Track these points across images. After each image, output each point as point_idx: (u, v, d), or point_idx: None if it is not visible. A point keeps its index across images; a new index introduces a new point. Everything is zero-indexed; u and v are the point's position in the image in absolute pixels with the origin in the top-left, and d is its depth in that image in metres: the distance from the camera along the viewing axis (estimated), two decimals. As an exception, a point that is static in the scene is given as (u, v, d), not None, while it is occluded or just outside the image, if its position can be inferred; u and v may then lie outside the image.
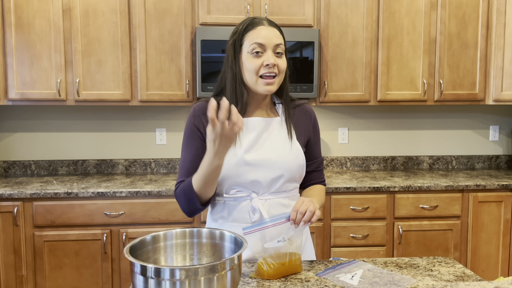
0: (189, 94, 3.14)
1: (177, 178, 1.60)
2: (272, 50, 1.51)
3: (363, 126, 3.67)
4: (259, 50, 1.50)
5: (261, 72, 1.51)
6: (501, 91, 3.27)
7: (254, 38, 1.51)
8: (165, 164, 3.53)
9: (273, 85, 1.52)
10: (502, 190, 3.12)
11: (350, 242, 3.04)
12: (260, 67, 1.50)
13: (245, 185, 1.55)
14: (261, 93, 1.54)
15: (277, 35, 1.53)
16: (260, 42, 1.50)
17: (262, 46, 1.50)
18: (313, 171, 1.70)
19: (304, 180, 1.71)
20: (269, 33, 1.52)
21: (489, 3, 3.27)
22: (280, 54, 1.53)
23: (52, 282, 2.90)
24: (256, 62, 1.50)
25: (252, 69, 1.51)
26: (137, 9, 3.07)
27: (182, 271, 1.06)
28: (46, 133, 3.45)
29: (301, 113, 1.67)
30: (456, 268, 1.50)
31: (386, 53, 3.24)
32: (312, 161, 1.69)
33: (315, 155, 1.70)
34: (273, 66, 1.50)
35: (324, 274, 1.45)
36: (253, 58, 1.51)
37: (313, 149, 1.69)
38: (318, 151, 1.72)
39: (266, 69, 1.50)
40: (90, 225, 2.90)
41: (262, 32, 1.51)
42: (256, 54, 1.51)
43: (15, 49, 3.01)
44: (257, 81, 1.52)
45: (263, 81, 1.51)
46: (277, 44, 1.51)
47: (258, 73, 1.51)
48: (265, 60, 1.50)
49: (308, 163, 1.68)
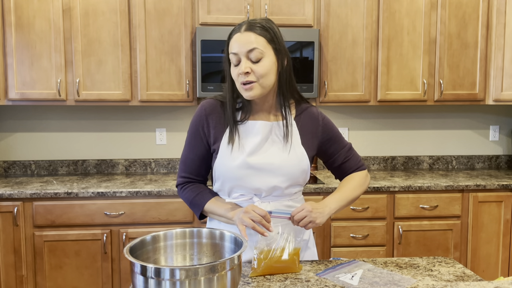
0: (189, 94, 3.14)
1: (179, 170, 1.67)
2: (246, 57, 1.49)
3: (363, 126, 3.67)
4: (236, 60, 1.50)
5: (240, 80, 1.51)
6: (501, 91, 3.27)
7: (230, 49, 1.52)
8: (165, 164, 3.53)
9: (252, 90, 1.50)
10: (502, 190, 3.12)
11: (350, 242, 3.04)
12: (238, 76, 1.51)
13: (246, 188, 1.56)
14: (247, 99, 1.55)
15: (251, 40, 1.48)
16: (233, 52, 1.50)
17: (236, 55, 1.50)
18: (343, 163, 1.69)
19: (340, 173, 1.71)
20: (241, 40, 1.49)
21: (489, 3, 3.27)
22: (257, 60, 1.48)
23: (52, 282, 2.90)
24: (235, 71, 1.52)
25: (234, 78, 1.53)
26: (137, 9, 3.07)
27: (182, 271, 1.06)
28: (46, 133, 3.45)
29: (307, 117, 1.65)
30: (456, 268, 1.50)
31: (386, 53, 3.24)
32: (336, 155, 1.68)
33: (336, 149, 1.68)
34: (245, 74, 1.48)
35: (324, 274, 1.45)
36: (233, 68, 1.52)
37: (332, 146, 1.67)
38: (341, 142, 1.69)
39: (242, 77, 1.49)
40: (90, 225, 2.90)
41: (235, 40, 1.50)
42: (236, 65, 1.52)
43: (15, 49, 3.01)
44: (240, 88, 1.53)
45: (243, 88, 1.51)
46: (249, 49, 1.48)
47: (239, 81, 1.52)
48: (239, 69, 1.50)
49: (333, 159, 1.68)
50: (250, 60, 1.49)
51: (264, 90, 1.52)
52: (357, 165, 1.71)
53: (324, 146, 1.67)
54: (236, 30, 1.52)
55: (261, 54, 1.49)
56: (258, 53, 1.48)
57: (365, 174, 1.71)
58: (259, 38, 1.49)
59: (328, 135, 1.67)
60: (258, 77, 1.49)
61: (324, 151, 1.67)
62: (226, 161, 1.55)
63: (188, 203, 1.63)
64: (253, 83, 1.49)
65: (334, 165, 1.69)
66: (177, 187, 1.67)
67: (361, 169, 1.72)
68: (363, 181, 1.69)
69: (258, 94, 1.52)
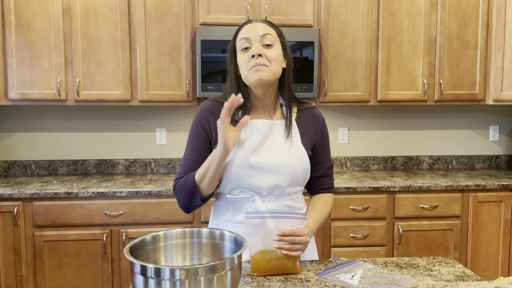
0: (189, 94, 3.14)
1: (177, 174, 1.62)
2: (259, 41, 1.52)
3: (363, 126, 3.67)
4: (247, 45, 1.52)
5: (250, 65, 1.51)
6: (501, 91, 3.27)
7: (241, 35, 1.54)
8: (165, 164, 3.53)
9: (262, 72, 1.50)
10: (502, 190, 3.12)
11: (350, 242, 3.04)
12: (249, 60, 1.51)
13: (248, 188, 1.56)
14: (254, 83, 1.52)
15: (263, 27, 1.54)
16: (245, 37, 1.53)
17: (248, 40, 1.52)
18: (320, 177, 1.68)
19: (312, 186, 1.70)
20: (254, 26, 1.54)
21: (489, 3, 3.27)
22: (269, 45, 1.52)
23: (52, 282, 2.90)
24: (245, 56, 1.53)
25: (243, 64, 1.53)
26: (137, 9, 3.07)
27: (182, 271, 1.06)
28: (46, 133, 3.45)
29: (308, 116, 1.66)
30: (456, 268, 1.50)
31: (386, 53, 3.24)
32: (319, 167, 1.67)
33: (322, 160, 1.67)
34: (258, 56, 1.49)
35: (324, 274, 1.45)
36: (242, 53, 1.54)
37: (319, 154, 1.67)
38: (327, 156, 1.69)
39: (253, 61, 1.50)
40: (90, 225, 2.90)
41: (247, 27, 1.55)
42: (245, 50, 1.53)
43: (15, 49, 3.01)
44: (248, 73, 1.52)
45: (252, 69, 1.51)
46: (263, 34, 1.52)
47: (248, 66, 1.52)
48: (251, 52, 1.51)
49: (315, 169, 1.66)
50: (262, 45, 1.52)
51: (273, 76, 1.52)
52: (330, 185, 1.72)
53: (315, 151, 1.66)
54: (246, 23, 1.57)
55: (272, 41, 1.53)
56: (270, 39, 1.53)
57: (333, 198, 1.73)
58: (270, 29, 1.55)
59: (322, 141, 1.67)
60: (270, 60, 1.51)
61: (312, 157, 1.65)
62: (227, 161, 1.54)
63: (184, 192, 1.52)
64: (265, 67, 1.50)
65: (313, 174, 1.67)
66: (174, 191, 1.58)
67: (332, 191, 1.73)
68: (331, 204, 1.71)
69: (267, 78, 1.51)
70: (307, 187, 1.72)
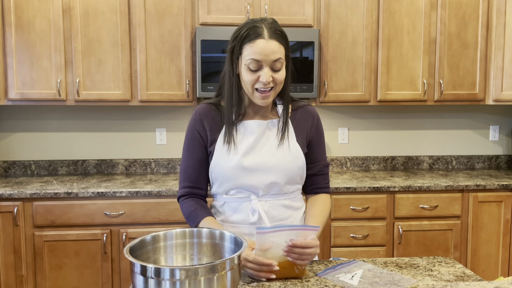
0: (189, 94, 3.14)
1: (180, 182, 1.65)
2: (270, 66, 1.48)
3: (363, 126, 3.67)
4: (256, 67, 1.48)
5: (257, 86, 1.50)
6: (501, 91, 3.27)
7: (252, 54, 1.46)
8: (165, 164, 3.53)
9: (268, 98, 1.51)
10: (502, 190, 3.12)
11: (350, 242, 3.04)
12: (256, 82, 1.49)
13: (244, 188, 1.56)
14: (258, 104, 1.55)
15: (276, 49, 1.47)
16: (256, 59, 1.46)
17: (258, 63, 1.47)
18: (315, 175, 1.67)
19: (307, 184, 1.69)
20: (267, 48, 1.46)
21: (489, 3, 3.27)
22: (278, 68, 1.49)
23: (52, 282, 2.90)
24: (252, 76, 1.49)
25: (248, 82, 1.50)
26: (137, 9, 3.07)
27: (182, 271, 1.06)
28: (46, 133, 3.45)
29: (302, 114, 1.66)
30: (456, 268, 1.50)
31: (386, 53, 3.24)
32: (314, 164, 1.66)
33: (317, 157, 1.66)
34: (268, 83, 1.48)
35: (324, 274, 1.45)
36: (249, 72, 1.49)
37: (314, 151, 1.66)
38: (322, 154, 1.68)
39: (261, 85, 1.49)
40: (90, 225, 2.90)
41: (260, 47, 1.46)
42: (254, 70, 1.48)
43: (15, 49, 3.01)
44: (253, 93, 1.52)
45: (259, 94, 1.51)
46: (275, 59, 1.47)
47: (254, 86, 1.50)
48: (261, 77, 1.47)
49: (310, 166, 1.65)
50: (272, 69, 1.49)
51: (275, 95, 1.56)
52: (326, 185, 1.70)
53: (310, 148, 1.65)
54: (259, 35, 1.47)
55: (282, 64, 1.50)
56: (281, 62, 1.50)
57: (330, 198, 1.71)
58: (281, 48, 1.50)
59: (317, 138, 1.66)
60: (277, 83, 1.51)
61: (307, 154, 1.65)
62: (222, 162, 1.55)
63: (185, 217, 1.61)
64: (270, 91, 1.51)
65: (307, 172, 1.66)
66: (179, 200, 1.65)
67: (328, 191, 1.70)
68: (329, 206, 1.68)
69: (271, 100, 1.54)
70: (302, 187, 1.71)
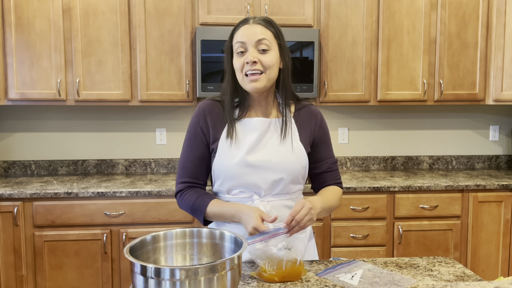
0: (189, 94, 3.14)
1: (178, 177, 1.63)
2: (254, 47, 1.50)
3: (363, 126, 3.67)
4: (242, 49, 1.51)
5: (245, 70, 1.51)
6: (501, 91, 3.27)
7: (237, 38, 1.52)
8: (165, 164, 3.53)
9: (258, 82, 1.50)
10: (502, 190, 3.12)
11: (350, 242, 3.04)
12: (243, 65, 1.51)
13: (246, 187, 1.56)
14: (249, 91, 1.54)
15: (259, 31, 1.51)
16: (241, 40, 1.51)
17: (243, 44, 1.51)
18: (324, 172, 1.66)
19: (318, 182, 1.68)
20: (250, 30, 1.51)
21: (489, 3, 3.27)
22: (264, 51, 1.50)
23: (52, 282, 2.90)
24: (240, 60, 1.52)
25: (238, 68, 1.52)
26: (137, 9, 3.07)
27: (182, 271, 1.06)
28: (46, 133, 3.45)
29: (306, 114, 1.65)
30: (456, 268, 1.50)
31: (386, 53, 3.24)
32: (322, 162, 1.65)
33: (324, 155, 1.66)
34: (252, 63, 1.48)
35: (324, 274, 1.45)
36: (238, 57, 1.52)
37: (321, 150, 1.65)
38: (329, 151, 1.68)
39: (248, 67, 1.49)
40: (90, 225, 2.90)
41: (243, 29, 1.52)
42: (241, 54, 1.52)
43: (15, 49, 3.01)
44: (243, 79, 1.53)
45: (247, 79, 1.51)
46: (258, 39, 1.50)
47: (243, 71, 1.51)
48: (246, 58, 1.50)
49: (318, 165, 1.65)
50: (257, 51, 1.50)
51: (268, 82, 1.53)
52: (337, 180, 1.69)
53: (315, 147, 1.65)
54: (242, 23, 1.54)
55: (268, 46, 1.51)
56: (266, 44, 1.50)
57: (341, 191, 1.69)
58: (267, 32, 1.52)
59: (322, 137, 1.66)
60: (265, 67, 1.51)
61: (313, 154, 1.64)
62: (225, 160, 1.55)
63: (188, 208, 1.58)
64: (260, 75, 1.50)
65: (316, 171, 1.66)
66: (176, 195, 1.63)
67: (340, 185, 1.69)
68: (340, 196, 1.67)
69: (262, 86, 1.52)
70: (312, 186, 1.71)
